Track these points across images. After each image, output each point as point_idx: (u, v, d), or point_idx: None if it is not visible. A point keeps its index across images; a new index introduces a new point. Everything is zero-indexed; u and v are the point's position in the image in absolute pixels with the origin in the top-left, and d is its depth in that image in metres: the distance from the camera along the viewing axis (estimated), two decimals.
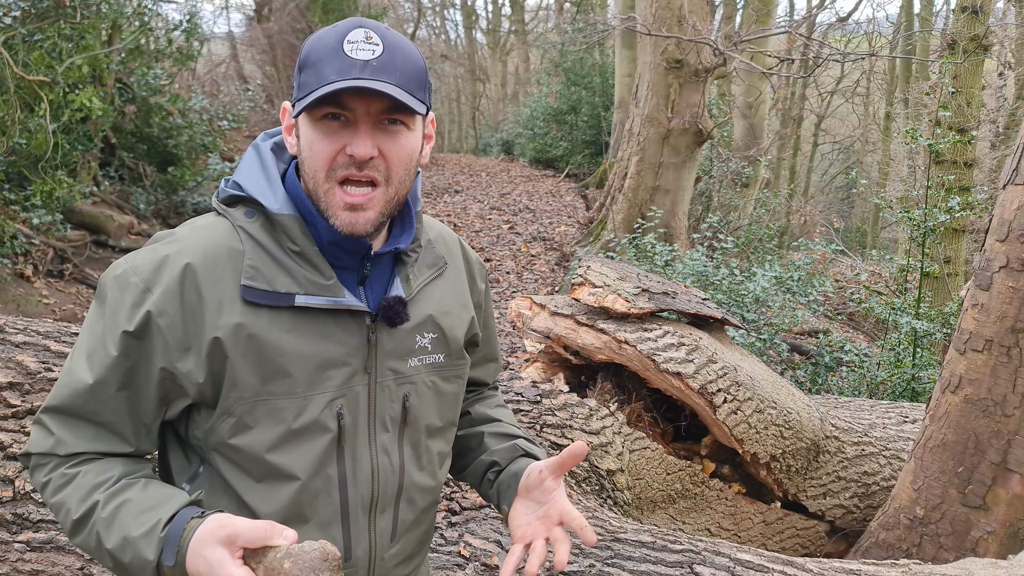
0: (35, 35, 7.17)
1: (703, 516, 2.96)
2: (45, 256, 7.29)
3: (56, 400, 1.01)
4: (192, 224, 1.07)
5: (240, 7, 36.07)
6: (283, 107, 1.10)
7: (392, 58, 0.99)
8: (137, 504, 0.96)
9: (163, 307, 0.98)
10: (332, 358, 1.04)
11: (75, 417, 1.01)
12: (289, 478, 1.03)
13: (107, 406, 1.00)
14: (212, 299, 0.99)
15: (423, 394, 1.14)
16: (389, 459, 1.11)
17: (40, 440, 1.02)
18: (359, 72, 0.96)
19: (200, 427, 1.04)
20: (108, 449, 1.02)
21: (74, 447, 1.00)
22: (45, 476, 1.01)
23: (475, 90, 28.42)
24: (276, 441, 1.02)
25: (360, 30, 0.98)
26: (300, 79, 1.01)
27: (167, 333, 0.98)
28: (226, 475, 1.04)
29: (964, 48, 7.33)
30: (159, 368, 0.99)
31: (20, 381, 1.99)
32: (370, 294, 1.10)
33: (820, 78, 19.25)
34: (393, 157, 1.01)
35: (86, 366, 1.00)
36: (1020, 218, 2.42)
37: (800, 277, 5.66)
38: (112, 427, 1.01)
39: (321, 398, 1.04)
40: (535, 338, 3.23)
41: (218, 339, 0.98)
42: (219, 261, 1.01)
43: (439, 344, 1.16)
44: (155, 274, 0.99)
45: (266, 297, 1.00)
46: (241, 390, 1.00)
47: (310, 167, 1.01)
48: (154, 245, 1.03)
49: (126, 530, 0.93)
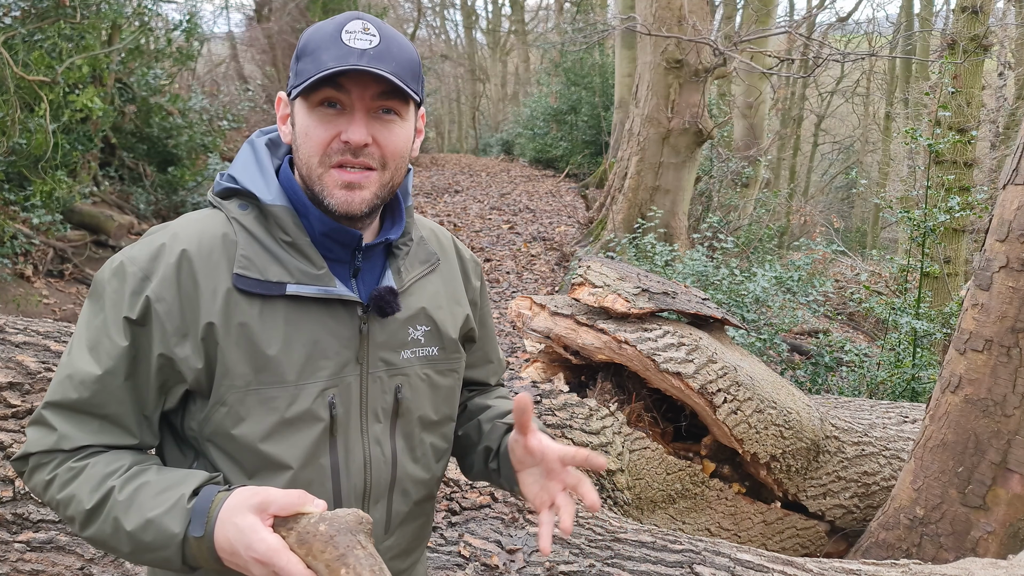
0: (35, 35, 7.17)
1: (703, 516, 2.96)
2: (45, 256, 7.29)
3: (58, 395, 1.01)
4: (187, 216, 1.09)
5: (240, 7, 36.10)
6: (279, 97, 1.12)
7: (388, 48, 1.02)
8: (156, 485, 0.96)
9: (161, 293, 0.99)
10: (324, 348, 1.06)
11: (79, 411, 1.00)
12: (282, 468, 1.04)
13: (113, 397, 1.00)
14: (207, 286, 1.01)
15: (416, 386, 1.15)
16: (381, 450, 1.12)
17: (41, 438, 1.01)
18: (356, 60, 0.99)
19: (195, 417, 1.05)
20: (114, 442, 1.02)
21: (80, 440, 1.00)
22: (49, 473, 1.00)
23: (475, 90, 28.43)
24: (269, 431, 1.03)
25: (358, 21, 1.02)
26: (297, 67, 1.03)
27: (165, 319, 0.99)
28: (220, 466, 1.04)
29: (964, 48, 7.33)
30: (158, 354, 1.00)
31: (20, 381, 1.99)
32: (362, 286, 1.11)
33: (820, 78, 19.25)
34: (387, 144, 1.04)
35: (90, 358, 1.00)
36: (1020, 218, 2.42)
37: (800, 277, 5.66)
38: (117, 419, 1.02)
39: (313, 387, 1.05)
40: (535, 338, 3.23)
41: (212, 324, 1.00)
42: (214, 250, 1.03)
43: (432, 337, 1.17)
44: (152, 262, 1.00)
45: (258, 286, 1.02)
46: (233, 378, 1.01)
47: (304, 153, 1.04)
48: (151, 236, 1.05)
49: (147, 510, 0.93)
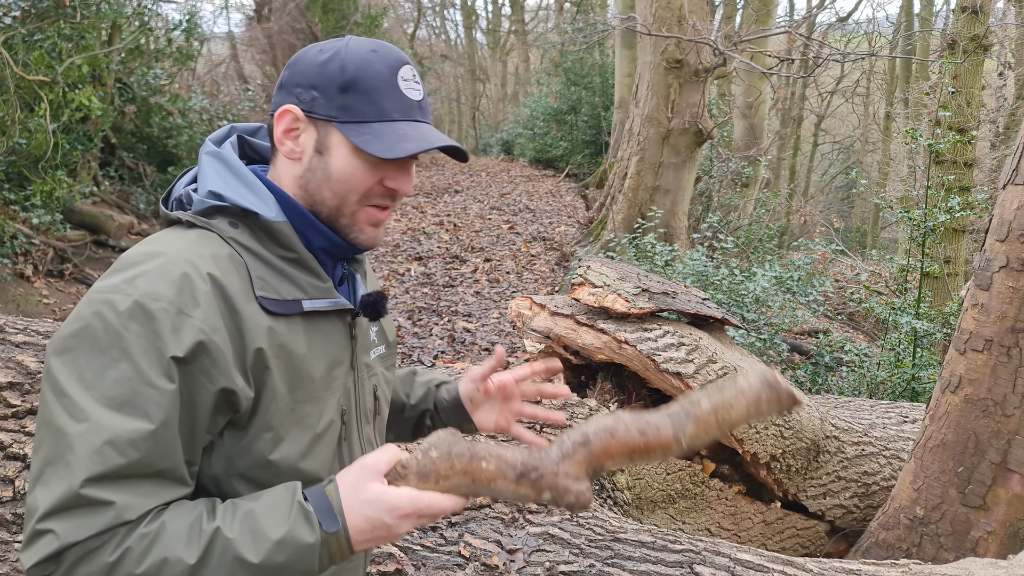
0: (35, 35, 7.17)
1: (703, 516, 2.96)
2: (45, 256, 7.29)
3: (102, 466, 0.84)
4: (173, 240, 0.97)
5: (240, 7, 36.07)
6: (286, 109, 1.03)
7: (426, 97, 1.07)
8: (260, 509, 0.89)
9: (212, 324, 0.90)
10: (336, 358, 1.08)
11: (134, 475, 0.87)
12: (315, 483, 1.02)
13: (169, 448, 0.88)
14: (245, 311, 0.95)
15: (381, 385, 1.22)
16: (373, 449, 1.16)
17: (89, 520, 0.84)
18: (417, 114, 1.04)
19: (220, 454, 0.97)
20: (172, 497, 0.91)
21: (143, 507, 0.87)
22: (113, 553, 0.85)
23: (475, 90, 28.43)
24: (305, 448, 1.02)
25: (408, 67, 1.04)
26: (346, 100, 1.00)
27: (224, 349, 0.91)
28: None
29: (964, 48, 7.33)
30: (219, 389, 0.91)
31: (20, 381, 1.99)
32: (345, 293, 1.16)
33: (820, 78, 19.25)
34: (410, 188, 1.09)
35: (128, 415, 0.86)
36: (1020, 218, 2.42)
37: (800, 277, 5.65)
38: (172, 471, 0.90)
39: (332, 398, 1.07)
40: (535, 338, 3.23)
41: (261, 350, 0.95)
42: (232, 272, 0.96)
43: (381, 335, 1.23)
44: (182, 294, 0.90)
45: (280, 306, 1.00)
46: (279, 401, 0.98)
47: (341, 189, 1.03)
48: (148, 267, 0.92)
49: (271, 532, 0.87)
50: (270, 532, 0.87)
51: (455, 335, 6.24)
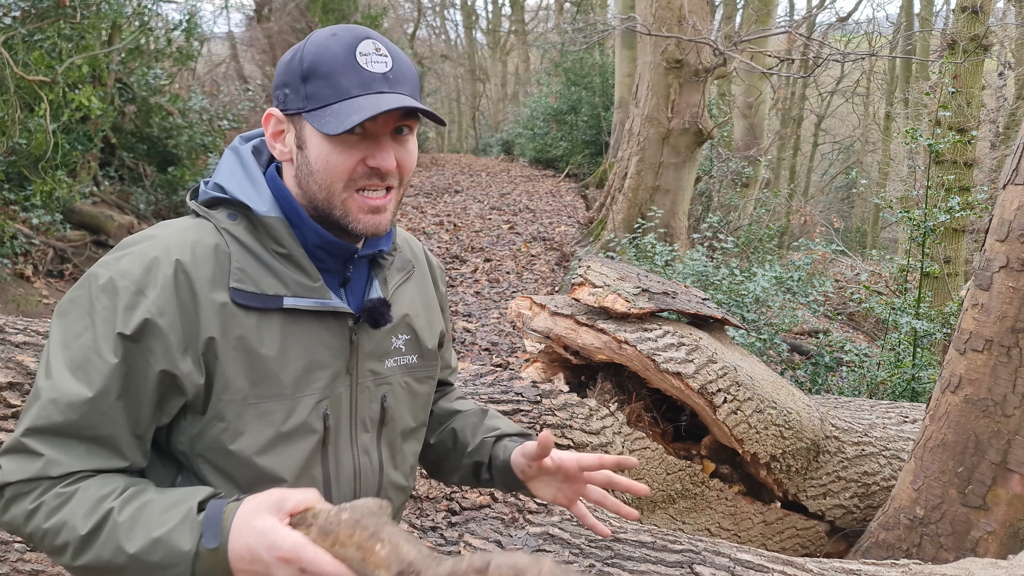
0: (35, 35, 7.16)
1: (703, 516, 2.96)
2: (45, 256, 7.29)
3: (42, 420, 0.94)
4: (170, 225, 1.04)
5: (240, 7, 36.08)
6: (269, 113, 1.06)
7: (400, 68, 1.02)
8: (158, 503, 0.92)
9: (162, 307, 0.95)
10: (318, 360, 1.06)
11: (67, 435, 0.94)
12: (276, 481, 1.03)
13: (105, 418, 0.95)
14: (205, 299, 0.98)
15: (399, 395, 1.18)
16: (369, 459, 1.14)
17: (23, 466, 0.94)
18: (380, 85, 0.99)
19: (185, 433, 1.02)
20: (103, 465, 0.97)
21: (68, 467, 0.94)
22: (33, 502, 0.94)
23: (475, 90, 28.44)
24: (265, 445, 1.02)
25: (368, 41, 1.00)
26: (308, 89, 1.00)
27: (168, 333, 0.95)
28: (211, 481, 1.02)
29: (964, 48, 7.33)
30: (159, 371, 0.96)
31: (20, 381, 1.99)
32: (350, 296, 1.12)
33: (820, 78, 19.25)
34: (405, 164, 1.06)
35: (77, 379, 0.94)
36: (1020, 218, 2.42)
37: (800, 277, 5.65)
38: (108, 441, 0.97)
39: (309, 400, 1.05)
40: (535, 338, 3.23)
41: (212, 339, 0.97)
42: (207, 261, 0.99)
43: (412, 345, 1.19)
44: (146, 275, 0.96)
45: (254, 300, 1.00)
46: (232, 393, 0.99)
47: (324, 179, 1.01)
48: (135, 248, 0.99)
49: (153, 528, 0.89)
50: (152, 528, 0.89)
51: (455, 335, 6.24)
